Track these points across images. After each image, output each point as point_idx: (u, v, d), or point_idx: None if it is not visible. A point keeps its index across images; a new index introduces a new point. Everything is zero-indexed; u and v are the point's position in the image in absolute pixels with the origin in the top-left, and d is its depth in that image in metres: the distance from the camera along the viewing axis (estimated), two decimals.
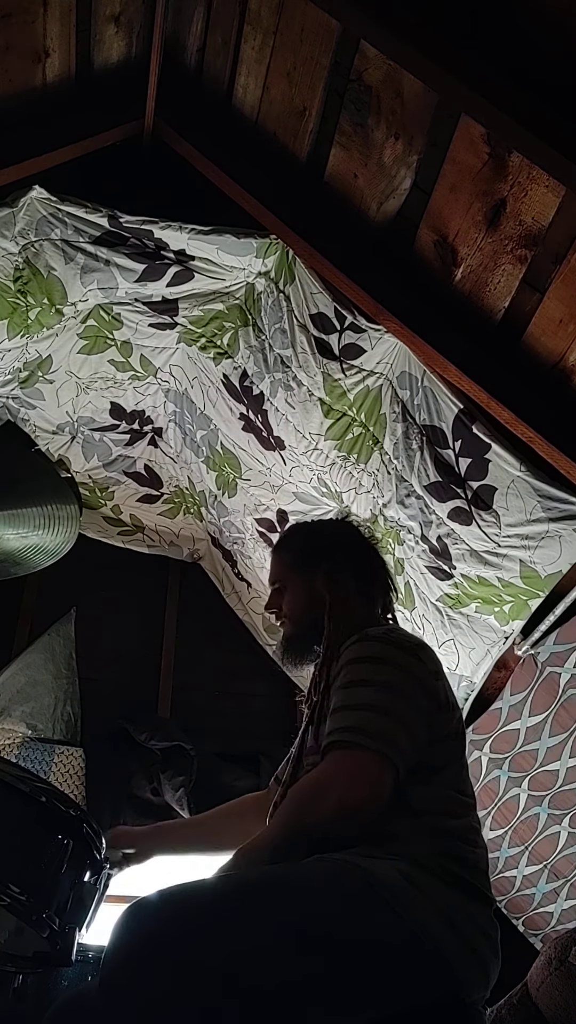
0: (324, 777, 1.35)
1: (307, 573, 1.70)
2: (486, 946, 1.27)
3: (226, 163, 2.34)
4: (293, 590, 1.72)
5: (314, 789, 1.35)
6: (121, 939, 1.14)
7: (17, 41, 2.05)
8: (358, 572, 1.71)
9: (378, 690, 1.39)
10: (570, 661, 2.39)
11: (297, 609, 1.70)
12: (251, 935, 1.14)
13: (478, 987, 1.24)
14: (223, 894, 1.22)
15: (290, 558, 1.76)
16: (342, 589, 1.66)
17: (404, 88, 1.88)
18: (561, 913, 2.71)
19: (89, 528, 3.60)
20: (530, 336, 2.00)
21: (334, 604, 1.64)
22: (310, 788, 1.37)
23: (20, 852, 1.53)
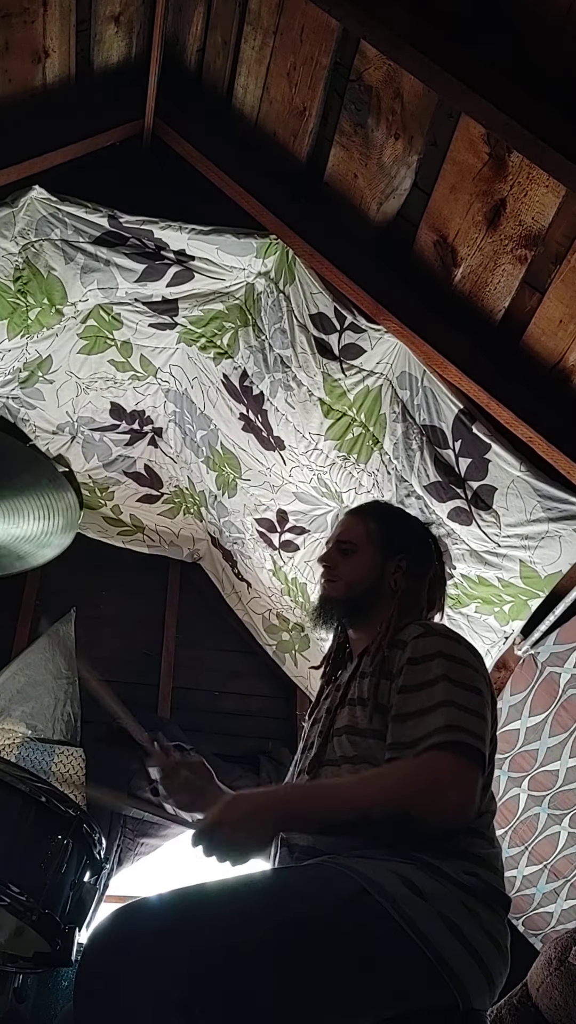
0: (451, 774, 1.29)
1: (385, 553, 1.66)
2: (493, 951, 1.23)
3: (226, 163, 2.34)
4: (362, 559, 1.66)
5: (438, 781, 1.29)
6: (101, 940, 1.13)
7: (17, 41, 2.05)
8: (431, 579, 1.69)
9: (474, 694, 1.37)
10: (570, 661, 2.39)
11: (358, 577, 1.64)
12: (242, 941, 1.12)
13: (482, 994, 1.21)
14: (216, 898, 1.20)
15: (375, 529, 1.70)
16: (414, 585, 1.65)
17: (404, 88, 1.88)
18: (561, 913, 2.71)
19: (89, 528, 3.60)
20: (530, 336, 2.00)
21: (405, 595, 1.62)
22: (432, 778, 1.30)
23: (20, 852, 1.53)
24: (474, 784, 1.29)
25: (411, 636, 1.47)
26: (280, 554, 3.31)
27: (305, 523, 3.15)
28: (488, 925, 1.24)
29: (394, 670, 1.45)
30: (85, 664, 1.88)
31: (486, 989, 1.22)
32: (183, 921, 1.12)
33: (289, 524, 3.20)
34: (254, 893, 1.21)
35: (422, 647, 1.44)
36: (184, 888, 1.21)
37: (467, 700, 1.35)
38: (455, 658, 1.42)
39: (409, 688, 1.40)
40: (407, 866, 1.24)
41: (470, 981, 1.18)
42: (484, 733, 1.33)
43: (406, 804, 1.26)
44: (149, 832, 3.16)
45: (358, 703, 1.47)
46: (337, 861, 1.25)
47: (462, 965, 1.17)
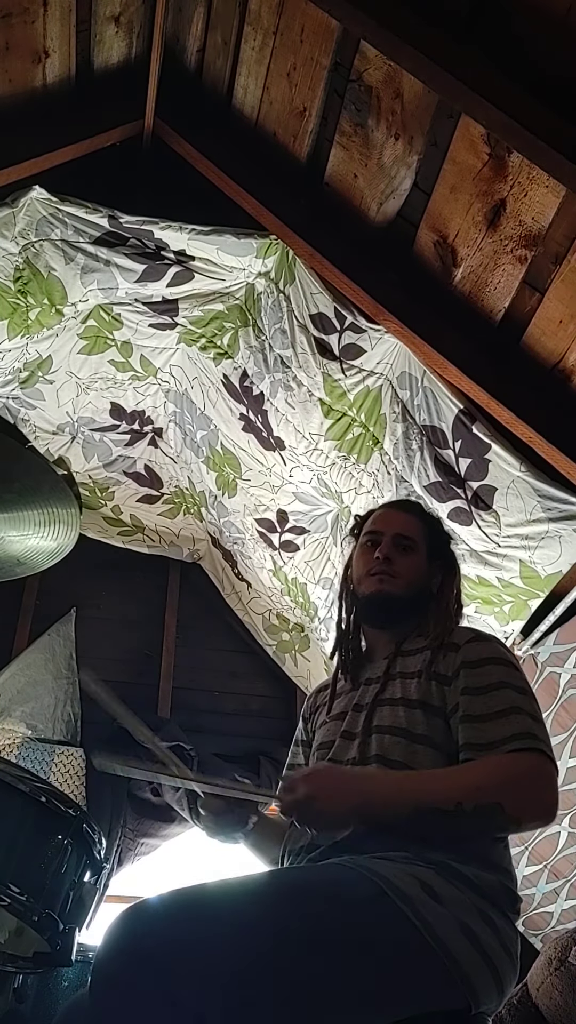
0: (539, 772, 1.31)
1: (431, 555, 1.67)
2: (505, 958, 1.24)
3: (226, 163, 2.34)
4: (419, 560, 1.64)
5: (529, 778, 1.31)
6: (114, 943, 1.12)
7: (17, 41, 2.06)
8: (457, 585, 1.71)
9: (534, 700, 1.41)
10: (570, 661, 2.39)
11: (416, 575, 1.63)
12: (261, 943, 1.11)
13: (491, 999, 1.22)
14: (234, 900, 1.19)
15: (431, 535, 1.70)
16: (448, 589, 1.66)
17: (404, 88, 1.88)
18: (561, 913, 2.71)
19: (89, 528, 3.60)
20: (530, 336, 2.00)
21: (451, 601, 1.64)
22: (524, 775, 1.31)
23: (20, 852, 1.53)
24: (557, 787, 1.31)
25: (463, 640, 1.48)
26: (280, 554, 3.31)
27: (305, 523, 3.15)
28: (502, 933, 1.25)
29: (448, 672, 1.45)
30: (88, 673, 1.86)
31: (495, 995, 1.23)
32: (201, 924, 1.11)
33: (289, 524, 3.20)
34: (272, 894, 1.20)
35: (477, 651, 1.45)
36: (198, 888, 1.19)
37: (533, 709, 1.38)
38: (509, 663, 1.45)
39: (474, 690, 1.40)
40: (426, 870, 1.24)
41: (483, 988, 1.18)
42: (548, 738, 1.36)
43: (499, 797, 1.27)
44: (149, 832, 3.16)
45: (402, 704, 1.46)
46: (356, 862, 1.24)
47: (477, 972, 1.18)
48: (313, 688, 1.80)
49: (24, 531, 2.77)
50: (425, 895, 1.19)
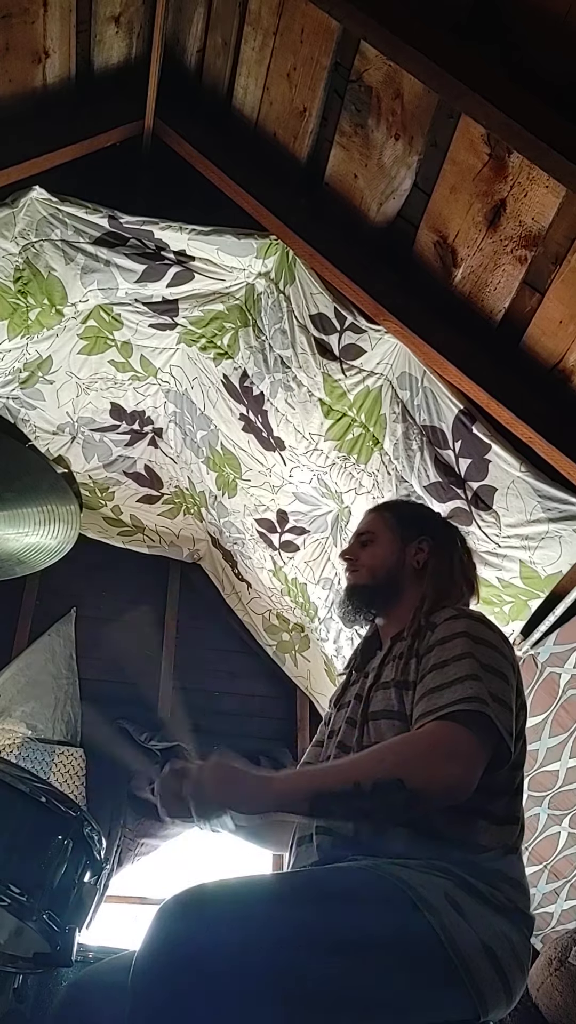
0: (452, 742, 1.25)
1: (404, 536, 1.67)
2: (519, 974, 1.24)
3: (226, 163, 2.34)
4: (382, 545, 1.67)
5: (436, 748, 1.26)
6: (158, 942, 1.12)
7: (17, 41, 2.06)
8: (459, 559, 1.68)
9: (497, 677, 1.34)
10: (570, 662, 2.39)
11: (378, 561, 1.65)
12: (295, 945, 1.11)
13: (500, 1010, 1.24)
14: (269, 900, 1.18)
15: (392, 518, 1.72)
16: (441, 565, 1.64)
17: (404, 88, 1.88)
18: (561, 914, 2.71)
19: (89, 528, 3.60)
20: (530, 337, 2.00)
21: (435, 575, 1.61)
22: (431, 745, 1.27)
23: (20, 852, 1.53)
24: (475, 759, 1.24)
25: (443, 618, 1.47)
26: (280, 554, 3.31)
27: (305, 523, 3.15)
28: (518, 950, 1.25)
29: (422, 650, 1.43)
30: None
31: (504, 1007, 1.24)
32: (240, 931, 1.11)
33: (289, 524, 3.20)
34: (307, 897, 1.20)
35: (451, 627, 1.43)
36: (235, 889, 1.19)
37: (490, 681, 1.32)
38: (481, 640, 1.40)
39: (436, 666, 1.38)
40: (447, 881, 1.23)
41: (495, 1003, 1.20)
42: (504, 717, 1.29)
43: (398, 772, 1.22)
44: (149, 832, 3.16)
45: (393, 686, 1.45)
46: (383, 869, 1.24)
47: (492, 989, 1.19)
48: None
49: (24, 529, 2.77)
50: (450, 908, 1.19)
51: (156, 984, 1.07)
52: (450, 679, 1.33)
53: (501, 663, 1.38)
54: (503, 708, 1.31)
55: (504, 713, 1.30)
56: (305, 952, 1.11)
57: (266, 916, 1.14)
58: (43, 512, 2.79)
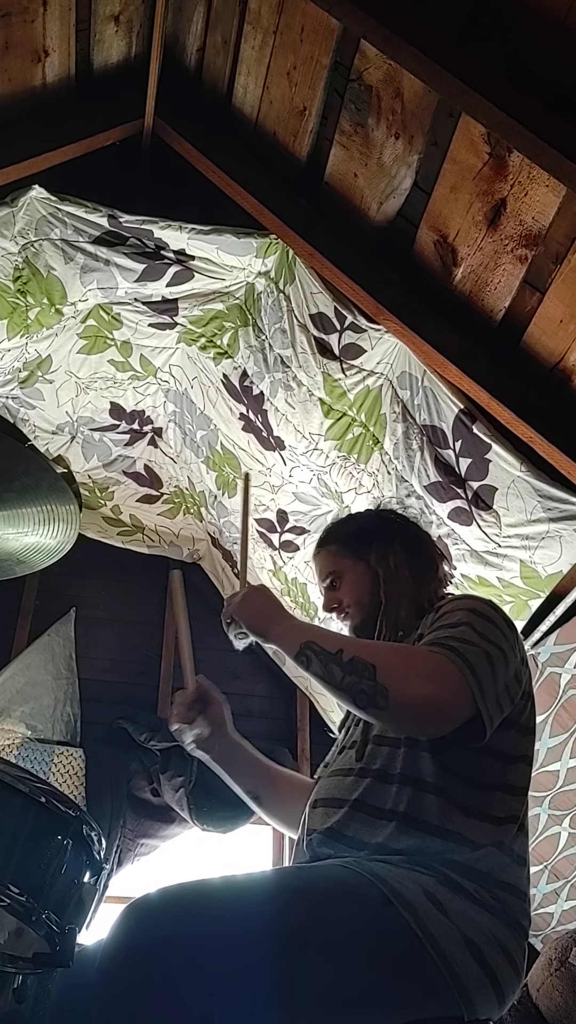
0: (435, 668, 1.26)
1: (361, 556, 1.64)
2: (509, 973, 1.21)
3: (226, 163, 2.33)
4: (350, 579, 1.64)
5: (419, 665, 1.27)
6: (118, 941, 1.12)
7: (17, 40, 2.05)
8: (408, 546, 1.66)
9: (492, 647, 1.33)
10: (570, 661, 2.39)
11: (359, 593, 1.62)
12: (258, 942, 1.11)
13: (492, 1010, 1.21)
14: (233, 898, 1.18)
15: (337, 547, 1.69)
16: (397, 563, 1.62)
17: (404, 88, 1.88)
18: (561, 914, 2.71)
19: (89, 528, 3.60)
20: (530, 336, 2.00)
21: (388, 578, 1.60)
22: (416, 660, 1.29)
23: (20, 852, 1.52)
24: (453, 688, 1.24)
25: (447, 601, 1.51)
26: (280, 554, 3.31)
27: (305, 523, 3.15)
28: (506, 945, 1.22)
29: (425, 633, 1.43)
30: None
31: (496, 1006, 1.21)
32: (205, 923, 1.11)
33: (289, 524, 3.20)
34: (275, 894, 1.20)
35: (454, 604, 1.46)
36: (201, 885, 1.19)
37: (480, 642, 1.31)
38: (484, 615, 1.40)
39: (435, 628, 1.39)
40: (429, 878, 1.22)
41: (483, 1001, 1.17)
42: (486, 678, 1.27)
43: (377, 661, 1.28)
44: (149, 832, 3.16)
45: None
46: (359, 864, 1.23)
47: (476, 983, 1.16)
48: None
49: (23, 529, 2.77)
50: (429, 904, 1.18)
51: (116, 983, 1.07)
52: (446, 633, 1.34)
53: (499, 637, 1.36)
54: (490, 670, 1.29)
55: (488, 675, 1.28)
56: (272, 948, 1.11)
57: (232, 912, 1.13)
58: (43, 512, 2.79)
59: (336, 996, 1.12)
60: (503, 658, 1.33)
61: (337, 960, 1.13)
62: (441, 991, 1.14)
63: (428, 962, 1.14)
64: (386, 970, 1.15)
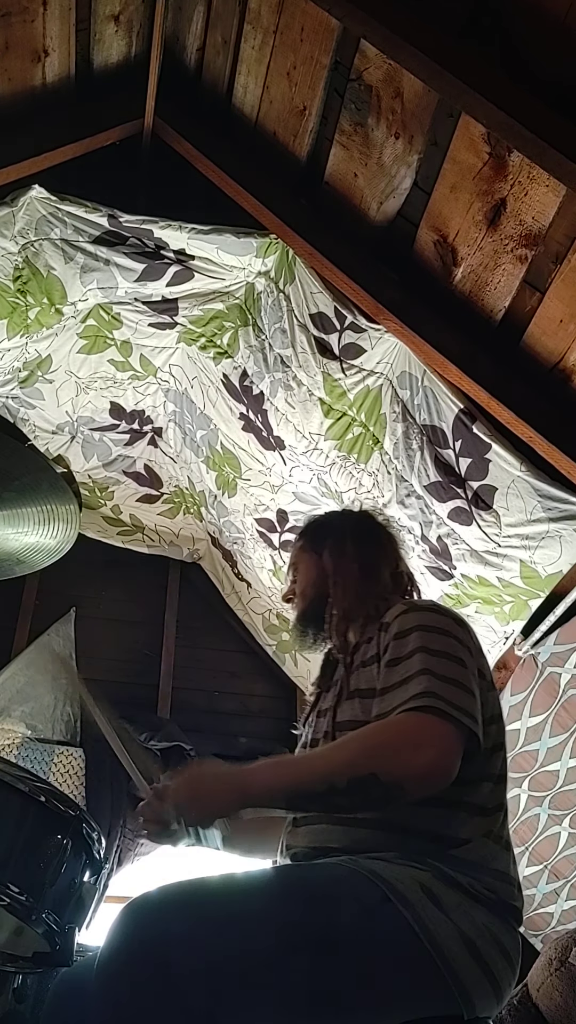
0: (419, 731, 1.23)
1: (315, 550, 1.69)
2: (504, 967, 1.22)
3: (226, 163, 2.33)
4: (303, 570, 1.69)
5: (404, 738, 1.24)
6: (118, 940, 1.12)
7: (17, 40, 2.05)
8: (363, 544, 1.68)
9: (454, 664, 1.32)
10: (570, 661, 2.39)
11: (305, 584, 1.67)
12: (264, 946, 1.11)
13: (488, 1008, 1.21)
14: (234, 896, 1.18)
15: (302, 540, 1.75)
16: (346, 560, 1.64)
17: (404, 88, 1.88)
18: (561, 914, 2.71)
19: (89, 528, 3.60)
20: (530, 336, 2.00)
21: (336, 572, 1.62)
22: (399, 736, 1.25)
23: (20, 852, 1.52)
24: (452, 743, 1.23)
25: (394, 615, 1.46)
26: (280, 554, 3.31)
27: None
28: (502, 939, 1.23)
29: (380, 652, 1.43)
30: (84, 685, 1.92)
31: (494, 1002, 1.22)
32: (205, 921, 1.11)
33: (289, 524, 3.20)
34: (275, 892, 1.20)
35: (404, 622, 1.42)
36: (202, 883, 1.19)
37: (445, 669, 1.30)
38: (435, 628, 1.39)
39: (391, 663, 1.37)
40: (424, 873, 1.22)
41: (480, 996, 1.17)
42: (464, 702, 1.27)
43: (372, 766, 1.21)
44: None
45: (358, 695, 1.45)
46: (356, 863, 1.24)
47: (474, 981, 1.16)
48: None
49: (23, 529, 2.77)
50: (426, 899, 1.18)
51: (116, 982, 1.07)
52: (404, 676, 1.32)
53: (456, 647, 1.36)
54: (464, 692, 1.29)
55: (465, 698, 1.28)
56: (272, 947, 1.11)
57: (232, 911, 1.14)
58: (43, 512, 2.79)
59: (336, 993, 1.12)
60: (466, 669, 1.34)
61: (337, 958, 1.13)
62: (439, 989, 1.15)
63: (426, 959, 1.14)
64: (385, 968, 1.15)
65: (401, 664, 1.35)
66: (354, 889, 1.18)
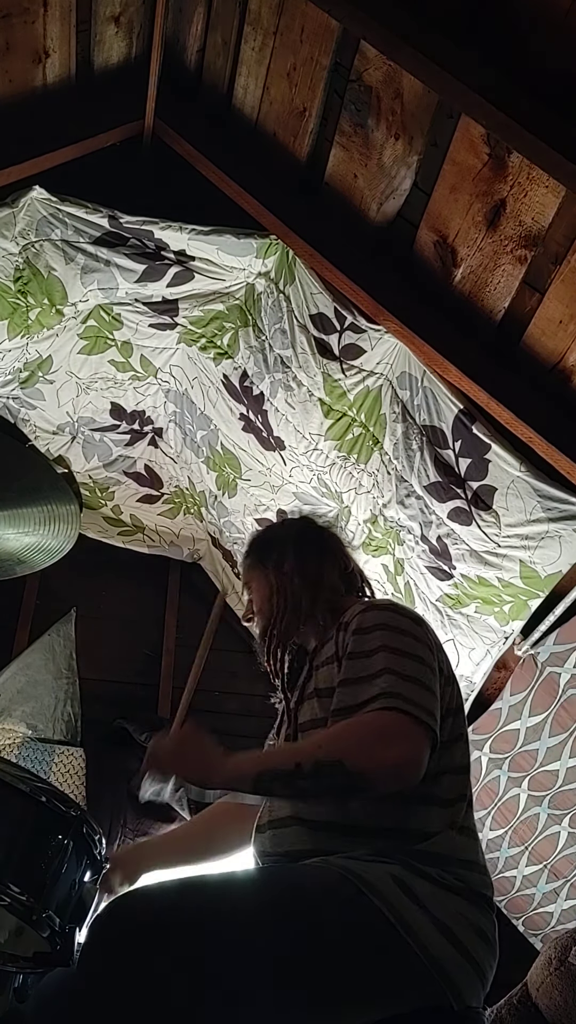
0: (388, 727, 1.27)
1: (263, 565, 1.73)
2: (484, 949, 1.24)
3: (226, 163, 2.34)
4: (257, 588, 1.73)
5: (375, 733, 1.27)
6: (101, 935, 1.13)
7: (17, 41, 2.06)
8: (305, 552, 1.72)
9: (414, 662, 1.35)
10: (570, 661, 2.39)
11: (260, 601, 1.71)
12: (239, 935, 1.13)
13: (474, 993, 1.22)
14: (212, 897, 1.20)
15: (252, 557, 1.79)
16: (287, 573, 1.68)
17: (404, 88, 1.89)
18: (561, 913, 2.71)
19: (89, 528, 3.60)
20: (530, 336, 2.01)
21: (280, 586, 1.66)
22: (369, 730, 1.28)
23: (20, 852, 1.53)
24: (420, 740, 1.26)
25: (354, 614, 1.49)
26: None
27: None
28: (478, 923, 1.25)
29: (340, 652, 1.46)
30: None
31: (479, 986, 1.23)
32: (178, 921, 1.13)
33: None
34: (254, 893, 1.22)
35: (365, 619, 1.46)
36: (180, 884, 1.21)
37: (407, 668, 1.34)
38: (395, 628, 1.42)
39: (354, 655, 1.40)
40: (394, 867, 1.24)
41: (463, 982, 1.19)
42: (425, 701, 1.30)
43: (340, 753, 1.25)
44: (149, 832, 3.16)
45: (317, 695, 1.48)
46: (330, 862, 1.25)
47: (455, 966, 1.18)
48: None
49: (24, 529, 2.78)
50: (399, 890, 1.20)
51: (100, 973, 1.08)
52: (366, 673, 1.35)
53: (415, 646, 1.40)
54: (425, 691, 1.32)
55: (427, 696, 1.31)
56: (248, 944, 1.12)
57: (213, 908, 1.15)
58: (43, 512, 2.79)
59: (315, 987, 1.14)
60: (425, 666, 1.37)
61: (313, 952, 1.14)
62: (422, 979, 1.16)
63: (405, 949, 1.16)
64: (363, 960, 1.17)
65: (362, 660, 1.38)
66: (327, 885, 1.21)
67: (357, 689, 1.35)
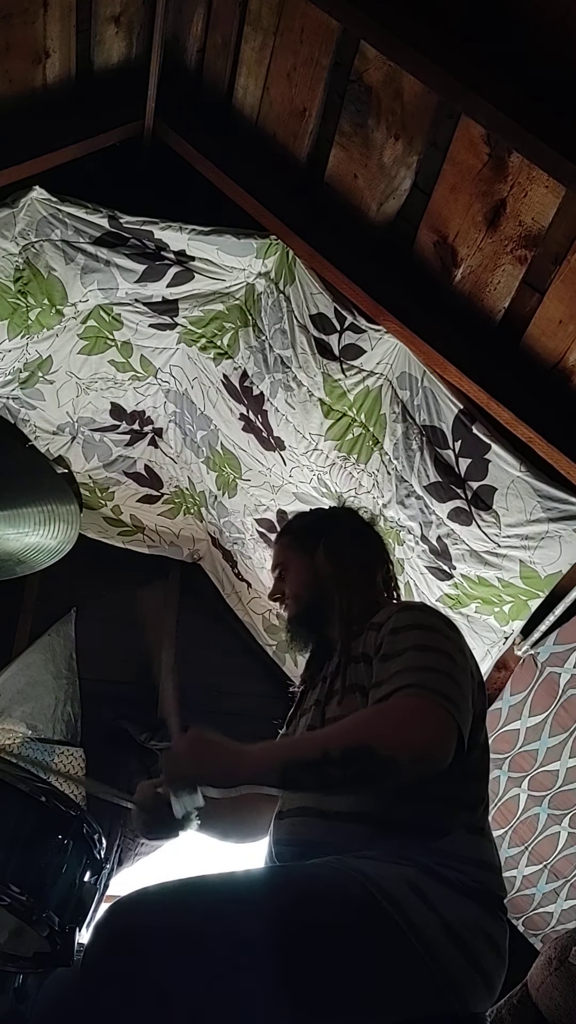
0: (415, 710, 1.24)
1: (307, 550, 1.69)
2: (494, 957, 1.23)
3: (226, 163, 2.34)
4: (294, 570, 1.70)
5: (401, 716, 1.25)
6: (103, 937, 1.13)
7: (17, 41, 2.06)
8: (357, 546, 1.70)
9: (444, 658, 1.34)
10: (570, 661, 2.39)
11: (298, 586, 1.68)
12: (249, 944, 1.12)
13: (481, 1000, 1.21)
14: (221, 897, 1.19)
15: (288, 540, 1.76)
16: (345, 561, 1.65)
17: (404, 88, 1.89)
18: (561, 913, 2.71)
19: (89, 528, 3.60)
20: (530, 336, 2.01)
21: (340, 575, 1.62)
22: (396, 714, 1.26)
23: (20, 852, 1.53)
24: (447, 726, 1.24)
25: (388, 614, 1.48)
26: None
27: None
28: (490, 932, 1.24)
29: (372, 651, 1.44)
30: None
31: (486, 996, 1.22)
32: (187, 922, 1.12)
33: None
34: (262, 894, 1.21)
35: (400, 620, 1.45)
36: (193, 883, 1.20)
37: (439, 665, 1.33)
38: (428, 627, 1.42)
39: (385, 658, 1.39)
40: (410, 870, 1.23)
41: (472, 992, 1.18)
42: (453, 693, 1.28)
43: (369, 737, 1.22)
44: None
45: (346, 692, 1.47)
46: (344, 863, 1.24)
47: (464, 976, 1.17)
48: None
49: (24, 529, 2.77)
50: (413, 895, 1.19)
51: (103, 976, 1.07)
52: (398, 670, 1.34)
53: (446, 644, 1.39)
54: (456, 687, 1.30)
55: (457, 692, 1.30)
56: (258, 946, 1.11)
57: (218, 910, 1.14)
58: (43, 512, 2.79)
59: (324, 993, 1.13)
60: (455, 664, 1.36)
61: (323, 957, 1.14)
62: (429, 985, 1.15)
63: (413, 954, 1.15)
64: (373, 966, 1.16)
65: (395, 659, 1.37)
66: (340, 888, 1.19)
67: (386, 684, 1.34)
